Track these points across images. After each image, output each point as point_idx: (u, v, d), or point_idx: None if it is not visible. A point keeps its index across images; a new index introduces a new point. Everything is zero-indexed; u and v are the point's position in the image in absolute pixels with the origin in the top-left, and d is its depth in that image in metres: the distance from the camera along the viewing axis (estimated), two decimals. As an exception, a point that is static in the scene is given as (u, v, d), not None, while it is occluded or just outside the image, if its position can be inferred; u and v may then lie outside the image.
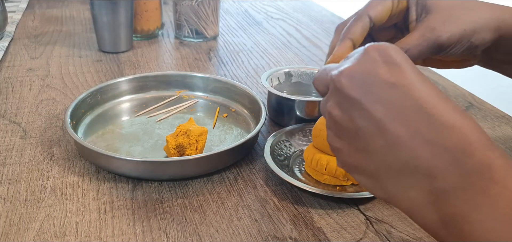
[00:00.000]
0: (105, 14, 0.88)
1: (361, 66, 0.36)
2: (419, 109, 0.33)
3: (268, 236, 0.46)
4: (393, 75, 0.34)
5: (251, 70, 0.86)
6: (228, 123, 0.66)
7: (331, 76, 0.38)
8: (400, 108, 0.33)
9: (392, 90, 0.34)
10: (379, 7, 0.51)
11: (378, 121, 0.34)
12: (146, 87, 0.73)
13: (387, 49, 0.35)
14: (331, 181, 0.53)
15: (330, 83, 0.38)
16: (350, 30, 0.51)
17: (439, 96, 0.34)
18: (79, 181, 0.53)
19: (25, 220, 0.47)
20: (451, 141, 0.32)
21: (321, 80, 0.40)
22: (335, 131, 0.38)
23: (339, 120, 0.37)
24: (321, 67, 0.42)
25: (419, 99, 0.33)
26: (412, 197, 0.33)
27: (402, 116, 0.33)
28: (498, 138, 0.65)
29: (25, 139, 0.61)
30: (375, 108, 0.34)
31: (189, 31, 0.99)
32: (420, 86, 0.34)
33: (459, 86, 0.82)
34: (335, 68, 0.38)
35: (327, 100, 0.38)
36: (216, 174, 0.55)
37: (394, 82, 0.34)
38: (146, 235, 0.46)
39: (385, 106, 0.34)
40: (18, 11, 1.15)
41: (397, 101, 0.33)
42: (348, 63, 0.37)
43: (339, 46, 0.51)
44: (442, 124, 0.32)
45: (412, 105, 0.33)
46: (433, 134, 0.32)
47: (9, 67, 0.84)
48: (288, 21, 1.16)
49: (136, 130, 0.64)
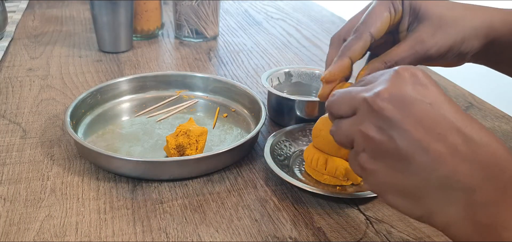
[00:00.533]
0: (105, 14, 0.88)
1: (397, 88, 0.37)
2: (455, 128, 0.35)
3: (268, 236, 0.46)
4: (427, 96, 0.36)
5: (251, 70, 0.86)
6: (228, 123, 0.66)
7: (364, 98, 0.38)
8: (439, 127, 0.35)
9: (430, 110, 0.36)
10: (378, 23, 0.51)
11: (420, 141, 0.35)
12: (146, 87, 0.73)
13: (416, 71, 0.38)
14: (331, 181, 0.53)
15: (361, 105, 0.38)
16: (350, 49, 0.50)
17: (466, 115, 0.36)
18: (79, 181, 0.53)
19: (25, 220, 0.47)
20: (485, 158, 0.34)
21: (344, 102, 0.40)
22: (371, 153, 0.38)
23: (378, 142, 0.37)
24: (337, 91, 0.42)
25: (453, 118, 0.35)
26: (451, 213, 0.35)
27: (442, 135, 0.35)
28: (498, 138, 0.65)
29: (25, 139, 0.61)
30: (416, 128, 0.35)
31: (189, 31, 0.99)
32: (451, 106, 0.36)
33: (459, 86, 0.82)
34: (364, 90, 0.39)
35: (360, 123, 0.38)
36: (216, 174, 0.55)
37: (431, 103, 0.36)
38: (146, 235, 0.46)
39: (426, 126, 0.35)
40: (18, 11, 1.15)
41: (435, 120, 0.35)
42: (381, 85, 0.38)
43: (337, 63, 0.51)
44: (476, 142, 0.34)
45: (448, 124, 0.35)
46: (470, 151, 0.34)
47: (9, 67, 0.84)
48: (288, 21, 1.16)
49: (136, 130, 0.64)
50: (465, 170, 0.34)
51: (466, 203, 0.34)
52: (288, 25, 1.13)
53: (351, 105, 0.39)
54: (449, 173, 0.34)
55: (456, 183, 0.34)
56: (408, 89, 0.36)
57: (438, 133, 0.35)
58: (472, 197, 0.34)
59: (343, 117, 0.40)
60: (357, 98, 0.39)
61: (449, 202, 0.35)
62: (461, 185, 0.34)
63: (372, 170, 0.38)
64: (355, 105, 0.39)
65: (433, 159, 0.34)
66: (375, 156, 0.38)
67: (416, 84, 0.37)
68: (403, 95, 0.36)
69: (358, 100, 0.39)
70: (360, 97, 0.38)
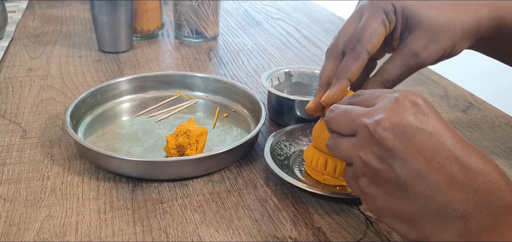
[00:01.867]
0: (105, 14, 0.88)
1: (398, 117, 0.37)
2: (454, 156, 0.36)
3: (268, 236, 0.46)
4: (428, 124, 0.37)
5: (251, 70, 0.86)
6: (228, 123, 0.66)
7: (365, 124, 0.38)
8: (438, 156, 0.36)
9: (430, 139, 0.36)
10: (375, 40, 0.51)
11: (419, 170, 0.36)
12: (146, 87, 0.73)
13: (417, 99, 0.38)
14: (331, 181, 0.53)
15: (362, 130, 0.39)
16: (348, 71, 0.50)
17: (465, 142, 0.37)
18: (79, 181, 0.53)
19: (25, 220, 0.47)
20: (481, 186, 0.35)
21: (344, 122, 0.41)
22: (371, 179, 0.39)
23: (378, 170, 0.38)
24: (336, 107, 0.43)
25: (452, 147, 0.36)
26: (446, 237, 0.35)
27: (440, 164, 0.35)
28: (498, 138, 0.65)
29: (25, 139, 0.61)
30: (416, 158, 0.36)
31: (189, 31, 0.99)
32: (451, 135, 0.36)
33: (459, 86, 0.82)
34: (365, 115, 0.39)
35: (359, 148, 0.39)
36: (216, 174, 0.55)
37: (431, 132, 0.36)
38: (146, 235, 0.46)
39: (425, 156, 0.36)
40: (18, 11, 1.15)
41: (435, 150, 0.36)
42: (381, 112, 0.38)
43: (336, 86, 0.51)
44: (473, 170, 0.35)
45: (447, 153, 0.36)
46: (466, 179, 0.35)
47: (9, 67, 0.84)
48: (288, 21, 1.16)
49: (136, 130, 0.64)
50: (461, 198, 0.35)
51: (461, 230, 0.35)
52: (288, 25, 1.13)
53: (351, 127, 0.40)
54: (446, 202, 0.35)
55: (452, 211, 0.35)
56: (409, 118, 0.37)
57: (438, 162, 0.35)
58: (466, 224, 0.34)
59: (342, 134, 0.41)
60: (358, 122, 0.39)
61: (444, 228, 0.35)
62: (457, 213, 0.35)
63: (372, 195, 0.39)
64: (355, 128, 0.40)
65: (431, 188, 0.35)
66: (375, 182, 0.38)
67: (417, 113, 0.37)
68: (404, 124, 0.37)
69: (358, 124, 0.39)
70: (361, 122, 0.39)
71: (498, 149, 0.63)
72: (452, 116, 0.71)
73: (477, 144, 0.64)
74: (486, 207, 0.34)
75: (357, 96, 0.43)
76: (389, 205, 0.38)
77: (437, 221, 0.36)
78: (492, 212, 0.34)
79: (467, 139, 0.65)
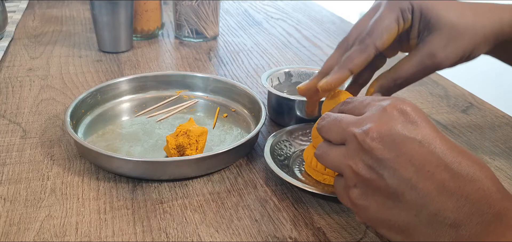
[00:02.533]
0: (105, 14, 0.88)
1: (386, 126, 0.37)
2: (444, 164, 0.35)
3: (268, 236, 0.46)
4: (417, 133, 0.36)
5: (251, 70, 0.86)
6: (228, 123, 0.66)
7: (354, 133, 0.38)
8: (427, 165, 0.35)
9: (419, 148, 0.36)
10: (385, 36, 0.50)
11: (409, 179, 0.36)
12: (146, 87, 0.73)
13: (405, 107, 0.38)
14: (331, 181, 0.53)
15: (351, 139, 0.39)
16: (352, 61, 0.50)
17: (457, 149, 0.36)
18: (79, 181, 0.53)
19: (25, 220, 0.47)
20: (472, 193, 0.34)
21: (334, 131, 0.41)
22: (363, 189, 0.38)
23: (368, 180, 0.38)
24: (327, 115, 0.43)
25: (442, 155, 0.35)
26: None
27: (430, 172, 0.35)
28: (498, 138, 0.65)
29: (25, 139, 0.61)
30: (406, 168, 0.36)
31: (189, 31, 0.99)
32: (441, 142, 0.36)
33: (459, 86, 0.82)
34: (353, 124, 0.39)
35: (349, 157, 0.39)
36: (216, 174, 0.55)
37: (420, 140, 0.36)
38: (146, 235, 0.46)
39: (415, 165, 0.36)
40: (18, 11, 1.15)
41: (424, 158, 0.35)
42: (370, 121, 0.38)
43: (337, 74, 0.50)
44: (464, 178, 0.35)
45: (437, 160, 0.35)
46: (456, 187, 0.35)
47: (9, 67, 0.84)
48: (288, 21, 1.16)
49: (136, 130, 0.64)
50: (452, 206, 0.34)
51: (453, 237, 0.35)
52: (288, 25, 1.13)
53: (341, 136, 0.40)
54: (437, 210, 0.35)
55: (444, 219, 0.35)
56: (397, 128, 0.37)
57: (427, 170, 0.35)
58: (458, 232, 0.34)
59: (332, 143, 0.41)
60: (347, 132, 0.39)
61: (437, 237, 0.35)
62: (449, 221, 0.35)
63: (364, 206, 0.39)
64: (345, 137, 0.39)
65: (422, 196, 0.35)
66: (366, 192, 0.38)
67: (406, 122, 0.37)
68: (392, 134, 0.37)
69: (348, 133, 0.39)
70: (350, 131, 0.39)
71: (498, 149, 0.63)
72: (452, 116, 0.71)
73: (477, 144, 0.64)
74: (477, 215, 0.34)
75: (347, 104, 0.43)
76: (382, 216, 0.38)
77: (429, 231, 0.35)
78: (482, 220, 0.34)
79: (467, 139, 0.65)
